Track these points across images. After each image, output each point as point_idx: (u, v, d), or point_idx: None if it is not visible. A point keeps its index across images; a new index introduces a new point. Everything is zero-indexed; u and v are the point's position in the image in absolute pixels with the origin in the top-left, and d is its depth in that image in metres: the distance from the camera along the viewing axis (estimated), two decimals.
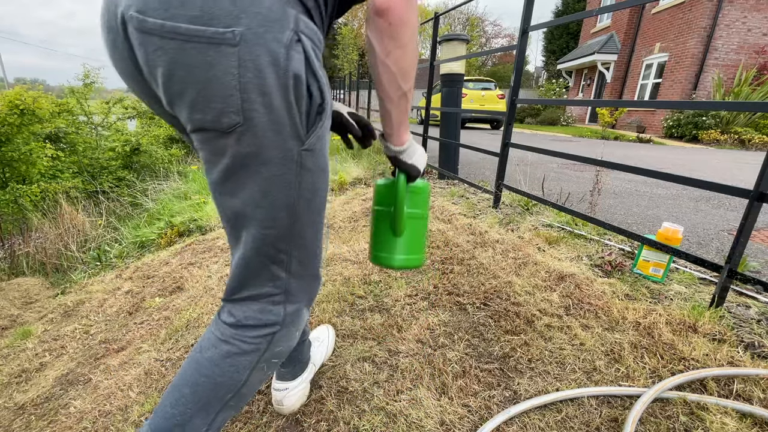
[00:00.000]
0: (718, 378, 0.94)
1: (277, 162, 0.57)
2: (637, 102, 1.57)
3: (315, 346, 1.09)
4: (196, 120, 0.54)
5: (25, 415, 1.21)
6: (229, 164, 0.57)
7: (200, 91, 0.51)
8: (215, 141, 0.56)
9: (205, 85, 0.51)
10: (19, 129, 4.47)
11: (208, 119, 0.53)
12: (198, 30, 0.48)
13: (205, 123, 0.54)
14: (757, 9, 9.35)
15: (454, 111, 3.04)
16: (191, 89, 0.52)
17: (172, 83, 0.52)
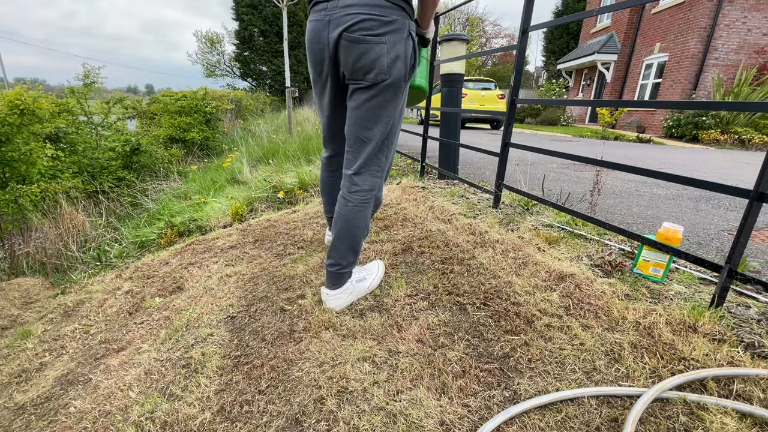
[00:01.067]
0: (718, 378, 0.94)
1: (400, 95, 1.24)
2: (637, 102, 1.57)
3: (362, 275, 1.48)
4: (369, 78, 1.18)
5: (25, 415, 1.21)
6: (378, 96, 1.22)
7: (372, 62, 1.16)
8: (368, 89, 1.20)
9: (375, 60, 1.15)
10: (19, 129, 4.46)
11: (372, 78, 1.18)
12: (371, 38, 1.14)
13: (370, 79, 1.18)
14: (757, 9, 9.35)
15: (454, 111, 3.04)
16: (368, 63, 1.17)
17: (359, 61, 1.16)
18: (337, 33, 1.12)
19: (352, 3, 1.11)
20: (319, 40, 1.17)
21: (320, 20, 1.15)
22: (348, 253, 1.35)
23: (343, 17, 1.12)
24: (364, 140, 1.25)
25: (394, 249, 1.84)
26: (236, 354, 1.28)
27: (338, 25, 1.12)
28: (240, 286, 1.74)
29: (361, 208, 1.30)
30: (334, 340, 1.25)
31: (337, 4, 1.12)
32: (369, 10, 1.10)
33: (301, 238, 2.18)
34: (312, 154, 4.59)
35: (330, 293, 1.39)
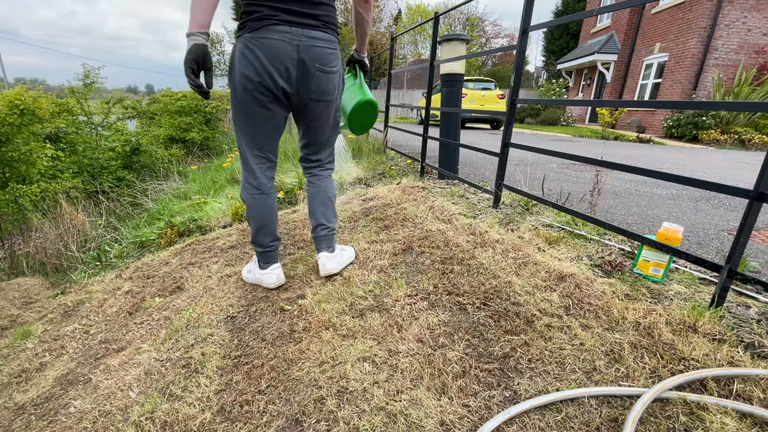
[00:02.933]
0: (718, 378, 0.94)
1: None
2: (637, 102, 1.57)
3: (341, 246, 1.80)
4: (328, 98, 1.49)
5: (25, 415, 1.21)
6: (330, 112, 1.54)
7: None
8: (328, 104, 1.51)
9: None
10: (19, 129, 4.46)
11: (330, 98, 1.50)
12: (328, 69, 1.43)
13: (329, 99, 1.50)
14: (757, 9, 9.35)
15: (454, 111, 3.04)
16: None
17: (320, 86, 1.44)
18: (312, 63, 1.36)
19: (316, 36, 1.36)
20: (288, 58, 1.32)
21: (287, 42, 1.30)
22: (333, 217, 1.69)
23: (313, 48, 1.35)
24: (330, 138, 1.64)
25: (394, 249, 1.84)
26: (236, 354, 1.28)
27: (311, 56, 1.35)
28: (240, 286, 1.74)
29: (332, 179, 1.71)
30: (334, 340, 1.25)
31: (302, 33, 1.32)
32: (329, 45, 1.40)
33: (301, 238, 2.18)
34: None
35: (330, 256, 1.65)
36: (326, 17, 1.39)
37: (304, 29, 1.33)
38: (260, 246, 1.60)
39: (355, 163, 4.15)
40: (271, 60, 1.30)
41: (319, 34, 1.36)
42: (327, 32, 1.39)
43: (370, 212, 2.41)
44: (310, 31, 1.34)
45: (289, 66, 1.33)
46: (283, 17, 1.30)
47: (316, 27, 1.36)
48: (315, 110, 1.49)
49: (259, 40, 1.29)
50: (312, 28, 1.35)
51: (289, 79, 1.35)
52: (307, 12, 1.33)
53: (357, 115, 1.74)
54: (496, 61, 28.31)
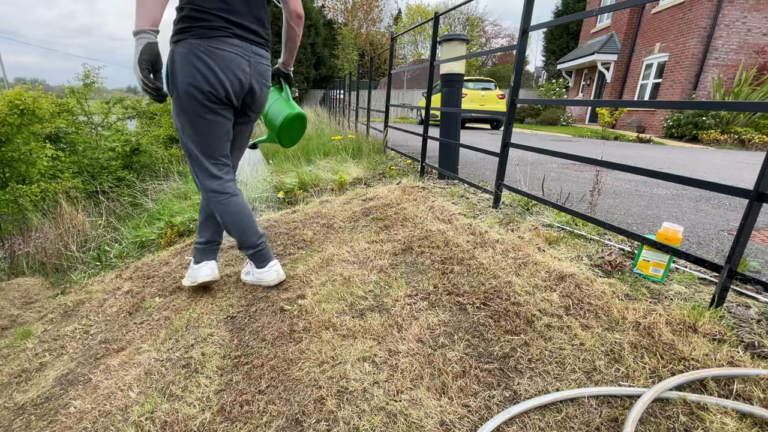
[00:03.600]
0: (718, 378, 0.94)
1: None
2: (637, 102, 1.57)
3: None
4: (260, 111, 1.58)
5: (25, 415, 1.21)
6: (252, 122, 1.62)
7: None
8: (256, 117, 1.60)
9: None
10: (19, 129, 4.47)
11: (261, 110, 1.59)
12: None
13: (260, 111, 1.59)
14: (757, 9, 9.35)
15: (454, 111, 3.04)
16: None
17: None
18: (260, 79, 1.43)
19: (262, 54, 1.43)
20: (241, 72, 1.35)
21: (240, 56, 1.34)
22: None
23: (260, 65, 1.42)
24: (241, 152, 1.67)
25: (394, 249, 1.84)
26: (236, 354, 1.28)
27: (260, 72, 1.43)
28: (240, 286, 1.73)
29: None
30: (334, 340, 1.25)
31: (251, 49, 1.37)
32: (269, 62, 1.49)
33: (301, 238, 2.18)
34: (312, 155, 4.59)
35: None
36: (267, 35, 1.44)
37: (252, 45, 1.37)
38: (251, 248, 1.58)
39: (355, 163, 4.15)
40: (225, 71, 1.30)
41: (263, 51, 1.42)
42: (267, 50, 1.46)
43: (370, 212, 2.41)
44: (257, 48, 1.39)
45: (242, 79, 1.36)
46: (236, 31, 1.31)
47: (261, 45, 1.41)
48: (243, 120, 1.55)
49: (212, 50, 1.27)
50: (258, 45, 1.40)
51: (238, 91, 1.38)
52: (255, 29, 1.37)
53: (287, 129, 1.72)
54: (496, 61, 28.31)
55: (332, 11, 28.04)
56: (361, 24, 26.88)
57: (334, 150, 4.69)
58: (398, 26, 27.40)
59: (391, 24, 29.24)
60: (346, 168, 3.84)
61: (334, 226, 2.31)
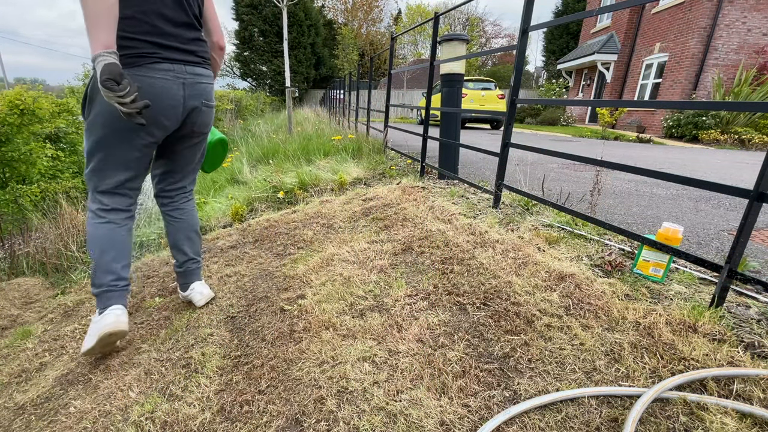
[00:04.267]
0: (718, 378, 0.94)
1: None
2: (637, 102, 1.57)
3: None
4: (205, 131, 1.51)
5: (25, 415, 1.21)
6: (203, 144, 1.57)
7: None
8: (204, 137, 1.53)
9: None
10: (19, 129, 4.47)
11: (207, 130, 1.52)
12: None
13: (206, 132, 1.52)
14: (757, 9, 9.34)
15: (454, 111, 3.04)
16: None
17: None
18: (197, 100, 1.36)
19: (199, 72, 1.35)
20: (173, 98, 1.28)
21: (172, 80, 1.26)
22: (200, 248, 1.68)
23: (198, 85, 1.34)
24: (197, 165, 1.62)
25: (394, 249, 1.84)
26: (236, 354, 1.28)
27: (197, 93, 1.35)
28: (240, 286, 1.74)
29: (195, 209, 1.67)
30: (334, 340, 1.25)
31: (185, 69, 1.29)
32: (210, 80, 1.41)
33: (301, 238, 2.18)
34: (312, 155, 4.59)
35: (202, 283, 1.67)
36: (203, 53, 1.37)
37: (186, 66, 1.29)
38: (100, 285, 1.34)
39: (355, 163, 4.15)
40: (155, 102, 1.22)
41: (201, 70, 1.35)
42: (206, 68, 1.39)
43: (370, 212, 2.41)
44: (193, 67, 1.31)
45: (176, 105, 1.29)
46: (164, 54, 1.22)
47: (197, 63, 1.33)
48: (192, 141, 1.48)
49: (140, 79, 1.18)
50: (193, 65, 1.32)
51: (173, 117, 1.31)
52: (186, 48, 1.29)
53: (210, 155, 1.73)
54: (496, 61, 28.31)
55: (332, 11, 28.06)
56: (361, 24, 26.89)
57: (334, 150, 4.69)
58: (398, 26, 27.39)
59: (391, 24, 29.24)
60: (346, 168, 3.84)
61: (334, 226, 2.31)
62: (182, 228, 1.59)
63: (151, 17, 1.19)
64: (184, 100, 1.31)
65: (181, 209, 1.59)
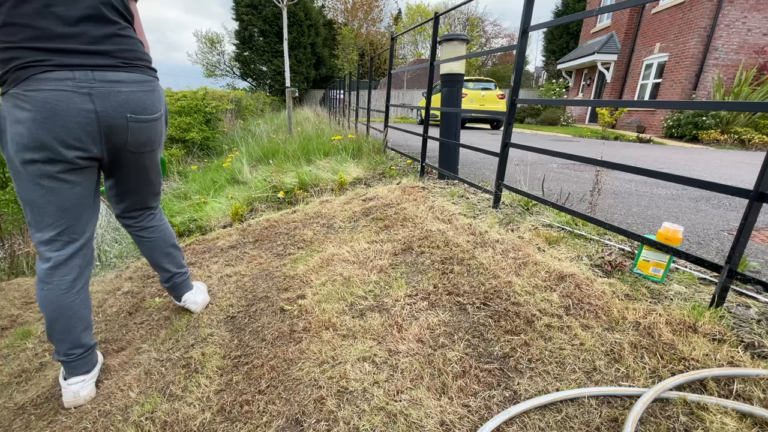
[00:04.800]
0: (718, 378, 0.94)
1: None
2: (637, 102, 1.57)
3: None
4: (152, 148, 1.24)
5: (25, 415, 1.21)
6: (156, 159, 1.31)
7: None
8: (153, 153, 1.26)
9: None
10: None
11: (156, 146, 1.25)
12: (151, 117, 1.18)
13: (154, 148, 1.26)
14: (757, 9, 9.35)
15: (454, 111, 3.04)
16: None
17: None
18: (120, 114, 1.07)
19: (118, 79, 1.05)
20: (76, 113, 1.01)
21: (71, 91, 0.99)
22: (182, 259, 1.56)
23: (116, 94, 1.05)
24: (157, 185, 1.39)
25: (394, 249, 1.84)
26: (236, 354, 1.28)
27: (117, 105, 1.06)
28: (240, 286, 1.74)
29: (166, 221, 1.51)
30: (334, 340, 1.25)
31: (93, 76, 1.02)
32: (142, 87, 1.11)
33: (301, 238, 2.18)
34: (312, 155, 4.59)
35: (194, 292, 1.59)
36: (126, 52, 1.08)
37: (95, 71, 1.02)
38: (57, 353, 1.19)
39: (355, 163, 4.15)
40: (49, 121, 0.98)
41: (122, 75, 1.06)
42: (134, 71, 1.09)
43: (370, 212, 2.41)
44: (104, 72, 1.03)
45: (85, 122, 1.02)
46: (57, 60, 0.98)
47: (114, 67, 1.05)
48: (136, 162, 1.21)
49: (28, 95, 0.97)
50: (107, 69, 1.04)
51: (84, 139, 1.04)
52: (93, 49, 1.02)
53: None
54: (496, 61, 28.31)
55: (332, 11, 28.06)
56: (361, 24, 26.90)
57: (334, 150, 4.69)
58: (398, 26, 27.39)
59: (391, 24, 29.24)
60: (346, 168, 3.84)
61: (334, 226, 2.31)
62: (157, 246, 1.44)
63: (35, 19, 0.96)
64: (96, 115, 1.03)
65: (149, 228, 1.42)
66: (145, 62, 1.14)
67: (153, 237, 1.43)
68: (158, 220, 1.45)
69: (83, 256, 1.18)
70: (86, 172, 1.12)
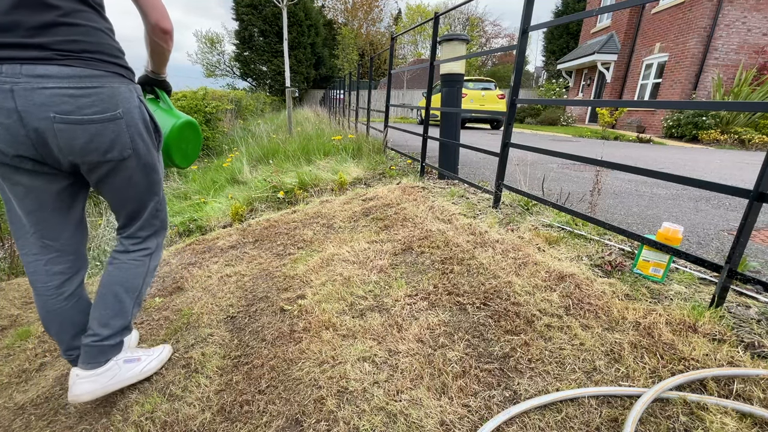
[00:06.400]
0: (718, 378, 0.94)
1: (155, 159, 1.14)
2: (637, 102, 1.57)
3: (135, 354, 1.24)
4: (109, 158, 1.01)
5: (25, 415, 1.21)
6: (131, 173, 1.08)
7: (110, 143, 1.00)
8: (118, 164, 1.04)
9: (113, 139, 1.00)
10: None
11: (116, 156, 1.02)
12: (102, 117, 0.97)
13: (114, 158, 1.02)
14: (757, 9, 9.35)
15: (454, 111, 3.04)
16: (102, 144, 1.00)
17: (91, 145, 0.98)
18: (42, 113, 0.90)
19: (46, 73, 0.89)
20: (3, 115, 0.89)
21: None
22: (114, 319, 1.12)
23: (39, 91, 0.89)
24: (137, 211, 1.15)
25: (394, 249, 1.84)
26: (236, 354, 1.28)
27: (39, 103, 0.90)
28: (240, 286, 1.74)
29: (134, 266, 1.17)
30: (334, 340, 1.25)
31: (20, 71, 0.88)
32: (76, 83, 0.92)
33: (301, 238, 2.18)
34: (312, 155, 4.59)
35: (81, 374, 1.09)
36: (67, 43, 0.92)
37: (24, 65, 0.88)
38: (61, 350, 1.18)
39: (355, 163, 4.15)
40: None
41: (54, 69, 0.90)
42: (72, 65, 0.92)
43: (370, 212, 2.41)
44: (33, 66, 0.89)
45: (5, 122, 0.89)
46: None
47: (46, 60, 0.90)
48: (93, 175, 1.04)
49: None
50: (36, 62, 0.89)
51: (10, 142, 0.91)
52: (28, 42, 0.89)
53: (178, 143, 1.34)
54: (496, 61, 28.31)
55: (332, 11, 28.07)
56: (361, 24, 26.89)
57: (334, 150, 4.69)
58: (398, 26, 27.40)
59: (391, 24, 29.25)
60: (346, 168, 3.84)
61: (334, 226, 2.31)
62: (103, 282, 1.14)
63: None
64: (19, 115, 0.89)
65: (112, 258, 1.17)
66: (95, 54, 0.95)
67: (107, 271, 1.15)
68: (119, 260, 1.16)
69: (65, 264, 1.10)
70: (39, 178, 1.00)
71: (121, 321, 1.13)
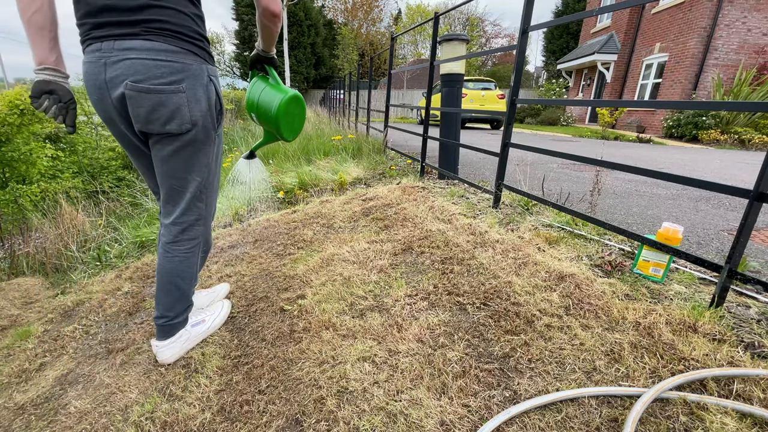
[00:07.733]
0: (718, 378, 0.94)
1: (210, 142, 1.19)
2: (637, 102, 1.57)
3: (200, 317, 1.42)
4: (168, 129, 1.08)
5: (25, 415, 1.21)
6: (182, 147, 1.13)
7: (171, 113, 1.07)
8: (176, 138, 1.11)
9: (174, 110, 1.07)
10: (19, 129, 4.46)
11: (174, 129, 1.08)
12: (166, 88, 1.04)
13: (172, 130, 1.09)
14: (757, 9, 9.35)
15: (454, 111, 3.04)
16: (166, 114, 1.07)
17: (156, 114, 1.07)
18: (120, 80, 1.02)
19: (132, 46, 1.01)
20: (97, 84, 1.05)
21: (94, 62, 1.02)
22: (177, 304, 1.27)
23: (123, 62, 1.01)
24: (178, 190, 1.19)
25: (394, 249, 1.84)
26: (236, 354, 1.28)
27: (120, 72, 1.01)
28: (240, 286, 1.74)
29: (185, 258, 1.25)
30: (334, 340, 1.25)
31: (113, 46, 1.00)
32: (154, 56, 1.02)
33: (301, 238, 2.18)
34: (312, 155, 4.59)
35: (160, 344, 1.27)
36: (156, 22, 1.02)
37: (116, 41, 1.00)
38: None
39: (355, 163, 4.15)
40: (89, 91, 1.08)
41: (137, 43, 1.01)
42: (153, 40, 1.02)
43: (370, 212, 2.41)
44: (123, 41, 1.00)
45: (99, 94, 1.06)
46: (94, 34, 1.02)
47: (135, 35, 1.01)
48: (155, 147, 1.14)
49: (83, 66, 1.06)
50: (128, 38, 1.01)
51: (104, 111, 1.09)
52: (124, 20, 1.00)
53: (286, 117, 1.39)
54: (496, 61, 28.31)
55: (332, 11, 28.04)
56: (361, 24, 26.88)
57: (334, 150, 4.69)
58: (398, 26, 27.39)
59: (391, 24, 29.23)
60: (346, 168, 3.84)
61: (334, 226, 2.31)
62: (159, 272, 1.25)
63: None
64: (106, 85, 1.03)
65: (162, 248, 1.25)
66: (176, 34, 1.04)
67: (163, 257, 1.24)
68: (172, 247, 1.23)
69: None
70: (134, 148, 1.19)
71: (184, 303, 1.30)
